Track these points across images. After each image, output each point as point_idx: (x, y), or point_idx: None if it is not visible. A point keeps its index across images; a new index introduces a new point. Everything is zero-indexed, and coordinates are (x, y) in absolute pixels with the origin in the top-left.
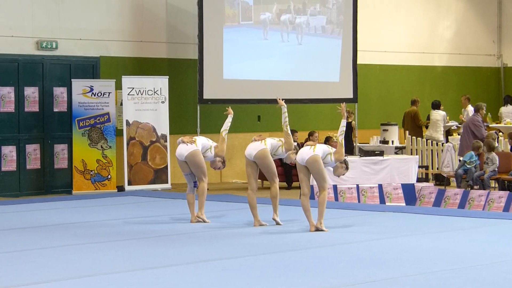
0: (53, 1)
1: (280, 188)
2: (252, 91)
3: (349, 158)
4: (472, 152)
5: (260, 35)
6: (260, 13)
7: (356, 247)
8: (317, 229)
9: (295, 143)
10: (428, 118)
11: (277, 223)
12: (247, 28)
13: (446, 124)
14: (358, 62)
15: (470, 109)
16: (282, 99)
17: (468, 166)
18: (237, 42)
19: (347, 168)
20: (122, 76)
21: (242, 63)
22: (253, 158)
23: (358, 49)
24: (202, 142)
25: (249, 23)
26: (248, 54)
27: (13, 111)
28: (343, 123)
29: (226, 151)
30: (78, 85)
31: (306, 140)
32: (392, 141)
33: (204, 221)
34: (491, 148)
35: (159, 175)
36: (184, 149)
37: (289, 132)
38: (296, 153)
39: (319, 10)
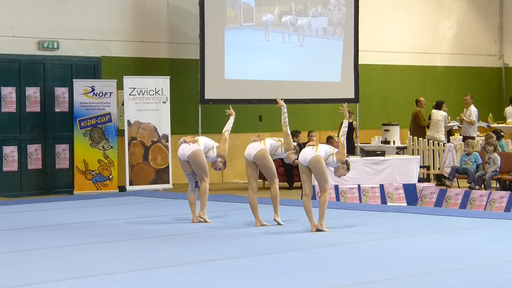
0: (55, 1)
1: (282, 188)
2: (253, 91)
3: (350, 158)
4: (477, 154)
5: (261, 36)
6: (261, 14)
7: (358, 247)
8: (318, 230)
9: (295, 143)
10: (430, 118)
11: (279, 224)
12: (248, 29)
13: (448, 124)
14: (360, 62)
15: (473, 109)
16: (283, 99)
17: (467, 167)
18: (239, 43)
19: (348, 169)
20: (124, 76)
21: (243, 63)
22: (253, 158)
23: (359, 49)
24: (204, 142)
25: (251, 24)
26: (249, 54)
27: (15, 111)
28: (345, 123)
29: (228, 151)
30: (80, 85)
31: (309, 141)
32: (394, 141)
33: (206, 221)
34: (495, 148)
35: (161, 175)
36: (186, 148)
37: (289, 132)
38: (296, 153)
39: (321, 11)
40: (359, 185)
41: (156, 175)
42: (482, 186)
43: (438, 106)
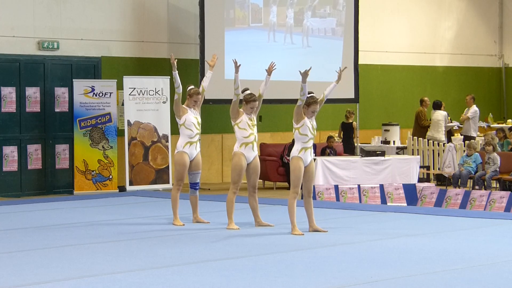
0: (55, 1)
1: (281, 188)
2: (253, 91)
3: (351, 158)
4: (477, 154)
5: (261, 37)
6: (261, 15)
7: (358, 247)
8: (315, 230)
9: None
10: (429, 118)
11: (202, 222)
12: (248, 29)
13: (448, 124)
14: (360, 62)
15: (474, 109)
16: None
17: (468, 167)
18: (238, 43)
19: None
20: (124, 76)
21: (244, 63)
22: None
23: (359, 49)
24: (180, 135)
25: (255, 25)
26: (249, 54)
27: (15, 111)
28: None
29: (228, 151)
30: (80, 85)
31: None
32: (394, 141)
33: (203, 222)
34: (494, 148)
35: (161, 175)
36: None
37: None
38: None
39: (322, 12)
40: (359, 185)
41: (156, 175)
42: (483, 186)
43: (438, 106)
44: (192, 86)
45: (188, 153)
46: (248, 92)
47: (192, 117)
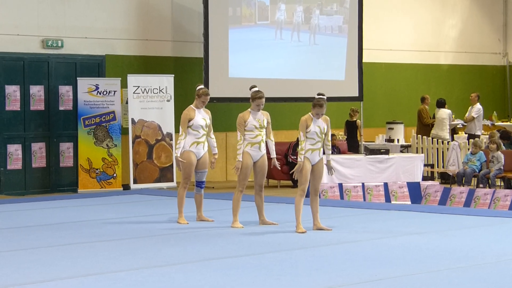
0: (59, 0)
1: (285, 186)
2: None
3: (355, 157)
4: (482, 152)
5: (264, 35)
6: (267, 12)
7: (362, 246)
8: (319, 229)
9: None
10: (433, 116)
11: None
12: (255, 27)
13: (452, 123)
14: (364, 60)
15: (478, 107)
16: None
17: (473, 165)
18: (242, 41)
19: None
20: (128, 75)
21: (247, 61)
22: None
23: (363, 47)
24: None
25: (262, 22)
26: (253, 53)
27: (19, 109)
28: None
29: (232, 149)
30: (84, 83)
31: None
32: (398, 140)
33: (207, 220)
34: (498, 147)
35: (165, 174)
36: None
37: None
38: None
39: (329, 9)
40: (363, 183)
41: (160, 174)
42: (487, 184)
43: (442, 105)
44: (202, 86)
45: (195, 152)
46: (255, 89)
47: (200, 119)
